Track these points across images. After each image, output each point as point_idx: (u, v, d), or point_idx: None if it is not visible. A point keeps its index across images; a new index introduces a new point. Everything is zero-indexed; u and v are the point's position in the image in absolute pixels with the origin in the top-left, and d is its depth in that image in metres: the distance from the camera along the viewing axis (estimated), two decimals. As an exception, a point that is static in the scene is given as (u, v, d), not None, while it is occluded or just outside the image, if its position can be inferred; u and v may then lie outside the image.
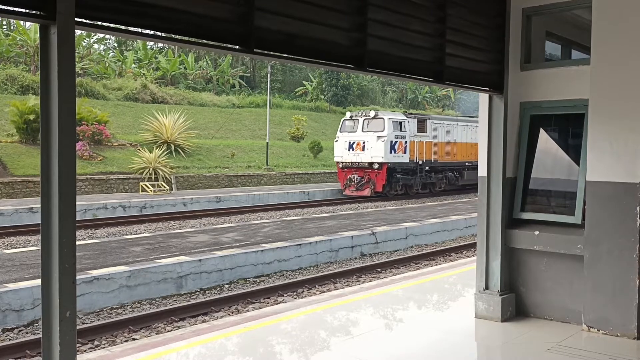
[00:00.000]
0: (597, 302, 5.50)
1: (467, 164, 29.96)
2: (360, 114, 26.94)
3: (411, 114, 28.97)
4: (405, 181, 26.60)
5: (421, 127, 27.45)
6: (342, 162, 26.54)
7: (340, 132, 27.06)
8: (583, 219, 5.67)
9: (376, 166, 25.53)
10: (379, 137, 25.47)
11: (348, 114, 27.56)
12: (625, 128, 5.34)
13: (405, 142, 26.32)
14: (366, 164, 25.79)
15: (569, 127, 6.27)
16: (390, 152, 25.60)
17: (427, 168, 27.57)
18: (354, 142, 26.19)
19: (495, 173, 6.00)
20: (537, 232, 5.94)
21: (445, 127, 28.97)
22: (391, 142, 25.58)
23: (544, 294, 6.02)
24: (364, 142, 25.82)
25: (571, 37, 6.95)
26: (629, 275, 5.31)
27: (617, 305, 5.37)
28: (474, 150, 29.94)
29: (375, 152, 25.54)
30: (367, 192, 25.70)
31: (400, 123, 26.31)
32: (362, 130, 26.07)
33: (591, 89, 5.55)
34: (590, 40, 5.53)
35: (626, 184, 5.32)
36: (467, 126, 30.63)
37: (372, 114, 26.32)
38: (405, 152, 26.34)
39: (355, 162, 26.10)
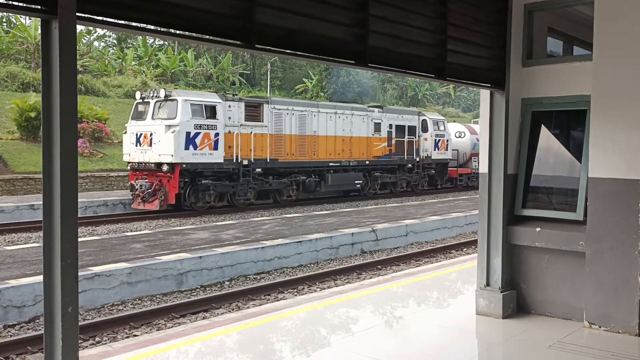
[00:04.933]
0: (598, 298, 5.49)
1: (332, 164, 22.51)
2: (152, 94, 19.05)
3: (235, 95, 22.01)
4: (223, 189, 19.32)
5: (253, 114, 19.93)
6: (131, 162, 19.09)
7: (130, 119, 19.51)
8: (585, 215, 5.66)
9: (165, 168, 17.99)
10: (168, 126, 17.98)
11: (138, 95, 19.75)
12: (627, 124, 5.33)
13: (217, 135, 18.67)
14: (153, 165, 18.28)
15: (571, 124, 6.26)
16: (187, 148, 17.97)
17: (258, 170, 20.14)
18: (141, 134, 18.61)
19: (497, 170, 5.99)
20: (538, 229, 5.93)
21: (297, 115, 21.37)
22: (187, 133, 17.97)
23: (545, 290, 6.01)
24: (151, 134, 18.30)
25: (573, 33, 6.94)
26: (630, 271, 5.30)
27: (618, 302, 5.37)
28: (345, 147, 23.12)
29: (164, 147, 17.95)
30: (155, 204, 18.15)
31: (212, 107, 18.72)
32: (152, 118, 18.54)
33: (593, 85, 5.54)
34: (592, 36, 5.52)
35: (628, 180, 5.32)
36: (336, 114, 22.78)
37: (162, 94, 18.49)
38: (215, 148, 18.70)
39: (142, 163, 18.60)
